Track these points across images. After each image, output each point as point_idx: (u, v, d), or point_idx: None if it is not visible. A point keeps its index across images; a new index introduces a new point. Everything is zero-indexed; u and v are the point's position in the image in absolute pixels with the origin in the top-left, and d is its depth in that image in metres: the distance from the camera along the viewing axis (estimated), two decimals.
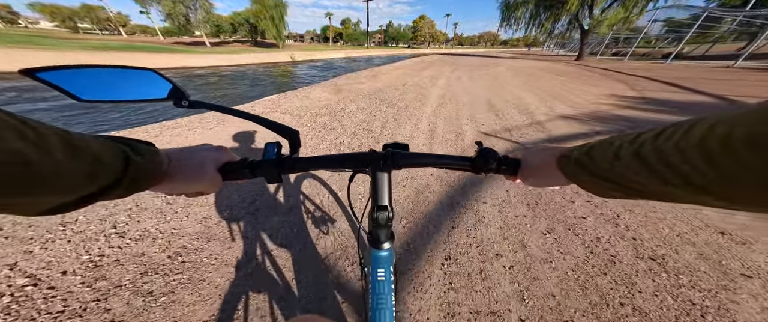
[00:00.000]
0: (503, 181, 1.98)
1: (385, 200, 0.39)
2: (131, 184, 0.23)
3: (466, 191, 1.86)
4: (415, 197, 1.78)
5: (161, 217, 1.47)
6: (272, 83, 10.41)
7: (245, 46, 35.47)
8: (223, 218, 1.50)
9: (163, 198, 1.61)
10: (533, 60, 18.79)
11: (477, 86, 6.35)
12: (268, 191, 1.76)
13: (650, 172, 0.20)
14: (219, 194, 1.70)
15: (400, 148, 0.42)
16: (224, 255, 1.24)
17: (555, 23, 19.69)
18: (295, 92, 4.92)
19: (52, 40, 18.85)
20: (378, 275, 0.41)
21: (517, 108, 4.30)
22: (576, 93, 5.71)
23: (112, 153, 0.21)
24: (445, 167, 0.42)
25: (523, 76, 8.74)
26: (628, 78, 8.22)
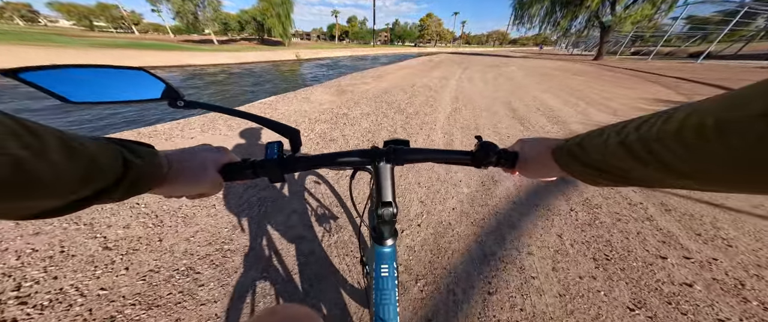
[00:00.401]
0: (552, 222, 1.51)
1: (389, 195, 0.39)
2: (130, 187, 0.23)
3: (501, 233, 1.40)
4: (435, 242, 1.34)
5: (90, 270, 1.07)
6: (272, 83, 10.08)
7: (252, 44, 35.49)
8: (175, 270, 1.08)
9: (99, 242, 1.20)
10: (546, 59, 17.90)
11: (492, 88, 5.81)
12: (240, 226, 1.34)
13: (635, 159, 0.21)
14: (177, 234, 1.30)
15: (402, 144, 0.41)
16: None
17: (572, 21, 18.66)
18: (295, 94, 4.52)
19: (66, 38, 19.14)
20: (382, 271, 0.41)
21: (543, 114, 3.77)
22: (608, 96, 5.12)
23: (109, 155, 0.21)
24: (446, 162, 0.42)
25: (540, 77, 8.13)
26: (662, 79, 7.52)
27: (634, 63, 13.32)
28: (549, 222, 1.51)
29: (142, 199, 1.48)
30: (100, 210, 1.36)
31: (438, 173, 2.02)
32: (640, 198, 1.76)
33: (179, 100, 0.35)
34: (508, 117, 3.60)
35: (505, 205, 1.66)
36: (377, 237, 0.42)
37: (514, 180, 1.93)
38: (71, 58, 11.39)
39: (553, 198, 1.74)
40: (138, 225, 1.30)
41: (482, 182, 1.91)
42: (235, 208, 1.49)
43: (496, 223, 1.50)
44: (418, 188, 1.80)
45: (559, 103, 4.50)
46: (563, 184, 1.90)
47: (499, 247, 1.33)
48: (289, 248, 1.25)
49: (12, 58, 9.81)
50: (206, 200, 1.53)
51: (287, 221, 1.41)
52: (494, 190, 1.82)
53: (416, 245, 1.33)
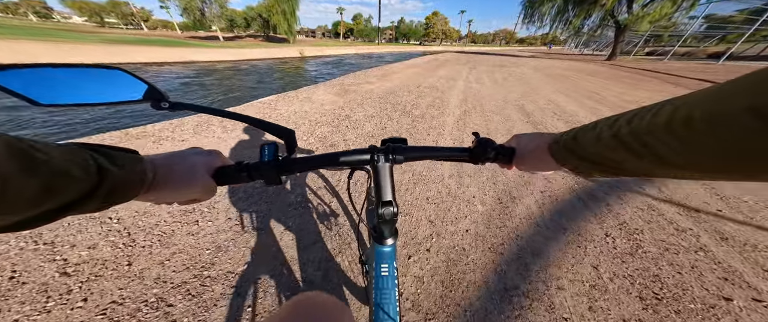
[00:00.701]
0: (585, 249, 1.30)
1: (389, 194, 0.38)
2: (106, 197, 0.21)
3: (524, 262, 1.20)
4: (447, 272, 1.14)
5: (41, 301, 0.90)
6: (275, 80, 9.95)
7: (257, 41, 35.52)
8: (143, 302, 0.91)
9: (58, 266, 1.04)
10: (556, 59, 17.37)
11: (503, 90, 5.54)
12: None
13: (628, 151, 0.21)
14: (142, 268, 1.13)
15: (399, 142, 0.41)
16: None
17: (585, 20, 18.03)
18: (297, 93, 4.35)
19: (76, 34, 19.38)
20: (381, 271, 0.41)
21: (560, 118, 3.53)
22: (629, 99, 4.83)
23: (79, 163, 0.19)
24: (444, 159, 0.43)
25: (552, 78, 7.80)
26: (682, 81, 7.14)
27: (649, 63, 12.80)
28: (581, 250, 1.30)
29: (116, 213, 1.32)
30: (65, 226, 1.20)
31: (449, 186, 1.82)
32: (689, 223, 1.53)
33: (163, 102, 0.33)
34: (522, 121, 3.36)
35: (526, 227, 1.45)
36: (377, 236, 0.42)
37: (535, 198, 1.72)
38: (85, 54, 11.44)
39: (583, 220, 1.53)
40: (106, 245, 1.14)
41: (498, 199, 1.70)
42: (223, 223, 1.32)
43: (518, 249, 1.30)
44: (426, 205, 1.60)
45: (576, 107, 4.23)
46: (593, 204, 1.67)
47: (522, 279, 1.13)
48: (280, 275, 1.08)
49: (21, 55, 9.88)
50: (189, 216, 1.36)
51: (280, 240, 1.23)
52: (513, 208, 1.61)
53: (426, 275, 1.14)
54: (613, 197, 1.77)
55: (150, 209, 1.37)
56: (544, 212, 1.58)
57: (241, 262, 1.12)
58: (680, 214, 1.61)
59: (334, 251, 1.21)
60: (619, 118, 0.23)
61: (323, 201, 1.56)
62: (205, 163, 0.32)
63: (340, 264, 1.15)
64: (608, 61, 15.00)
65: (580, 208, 1.63)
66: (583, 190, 1.84)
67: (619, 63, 13.66)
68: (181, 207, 1.41)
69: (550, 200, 1.71)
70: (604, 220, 1.53)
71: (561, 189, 1.84)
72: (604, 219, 1.54)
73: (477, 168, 2.05)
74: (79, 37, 15.99)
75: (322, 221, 1.39)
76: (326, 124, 2.86)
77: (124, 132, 2.41)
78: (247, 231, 1.29)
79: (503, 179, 1.94)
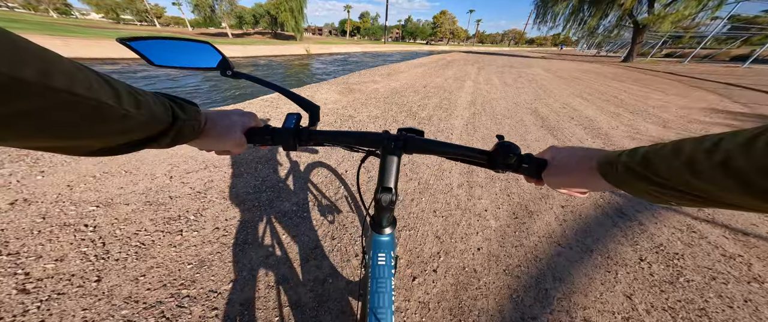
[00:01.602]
0: (616, 275, 1.13)
1: (390, 182, 0.39)
2: (176, 136, 0.27)
3: (544, 288, 1.03)
4: (456, 298, 0.99)
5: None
6: (276, 78, 9.89)
7: (264, 38, 35.75)
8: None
9: (17, 282, 0.93)
10: (569, 61, 16.80)
11: (514, 92, 5.31)
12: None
13: (744, 185, 0.17)
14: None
15: (415, 133, 0.41)
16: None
17: (601, 20, 17.36)
18: (300, 91, 4.24)
19: (94, 31, 19.88)
20: (378, 260, 0.42)
21: (578, 123, 3.31)
22: (653, 104, 4.55)
23: (163, 107, 0.25)
24: (458, 159, 0.41)
25: (566, 80, 7.49)
26: (706, 84, 6.75)
27: (669, 66, 12.24)
28: (611, 275, 1.13)
29: (93, 220, 1.22)
30: (35, 234, 1.10)
31: (458, 198, 1.66)
32: (737, 248, 1.34)
33: (228, 70, 0.41)
34: (536, 126, 3.16)
35: (546, 247, 1.29)
36: (375, 225, 0.44)
37: (555, 213, 1.55)
38: (101, 49, 11.68)
39: (612, 241, 1.35)
40: (76, 256, 1.03)
41: (513, 213, 1.53)
42: (210, 234, 1.21)
43: (537, 272, 1.14)
44: (433, 218, 1.45)
45: (595, 111, 3.98)
46: (623, 223, 1.49)
47: (542, 308, 0.98)
48: (268, 292, 0.95)
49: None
50: (173, 224, 1.24)
51: (272, 254, 1.10)
52: (530, 225, 1.44)
53: (431, 300, 1.00)
54: (646, 214, 1.58)
55: (130, 216, 1.26)
56: (567, 230, 1.41)
57: (226, 279, 1.00)
58: (726, 237, 1.41)
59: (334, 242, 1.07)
60: (720, 142, 0.18)
61: (324, 196, 1.43)
62: (242, 122, 0.37)
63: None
64: (624, 62, 14.41)
65: (609, 227, 1.45)
66: (611, 205, 1.65)
67: (637, 65, 13.08)
68: (165, 215, 1.29)
69: (572, 216, 1.53)
70: (637, 241, 1.35)
71: (584, 204, 1.66)
72: (638, 241, 1.36)
73: (489, 178, 1.88)
74: (98, 33, 16.37)
75: (324, 213, 1.35)
76: (328, 125, 2.74)
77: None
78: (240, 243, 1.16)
79: (518, 190, 1.77)
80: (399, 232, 1.31)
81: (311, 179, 1.69)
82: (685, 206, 0.22)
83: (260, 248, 1.15)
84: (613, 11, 16.37)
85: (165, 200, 1.40)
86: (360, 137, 0.40)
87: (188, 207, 1.36)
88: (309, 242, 1.20)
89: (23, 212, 1.23)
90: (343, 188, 1.64)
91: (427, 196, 1.64)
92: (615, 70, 11.02)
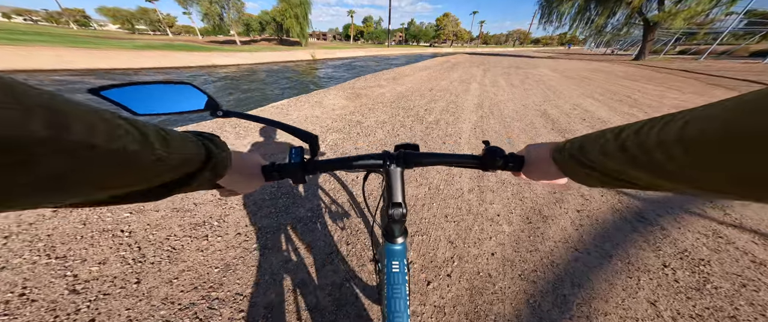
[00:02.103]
0: (638, 281, 1.12)
1: (399, 197, 0.42)
2: (212, 172, 0.26)
3: (562, 294, 1.04)
4: (471, 302, 1.02)
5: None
6: (288, 85, 10.12)
7: (271, 45, 36.65)
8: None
9: (67, 283, 1.00)
10: (577, 60, 16.51)
11: (521, 93, 5.27)
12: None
13: (635, 164, 0.21)
14: None
15: (411, 148, 0.45)
16: None
17: (609, 19, 17.01)
18: (308, 97, 4.34)
19: (112, 42, 20.87)
20: (392, 267, 0.45)
21: (590, 125, 3.27)
22: (670, 104, 4.45)
23: (195, 143, 0.24)
24: (455, 165, 0.44)
25: (576, 80, 7.37)
26: (724, 82, 6.51)
27: (684, 63, 11.85)
28: (633, 281, 1.13)
29: (128, 226, 1.30)
30: (78, 240, 1.19)
31: (469, 202, 1.68)
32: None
33: (219, 110, 0.40)
34: (546, 129, 3.13)
35: (563, 251, 1.29)
36: (388, 236, 0.46)
37: (571, 217, 1.55)
38: (123, 59, 12.21)
39: (633, 246, 1.34)
40: (116, 260, 1.11)
41: (527, 218, 1.54)
42: (232, 239, 1.27)
43: (554, 277, 1.14)
44: (445, 223, 1.47)
45: (608, 112, 3.92)
46: (644, 227, 1.47)
47: (561, 314, 0.99)
48: (289, 295, 1.00)
49: (62, 63, 10.71)
50: (199, 229, 1.32)
51: (290, 258, 1.15)
52: (545, 230, 1.44)
53: (447, 305, 1.02)
54: (669, 219, 1.55)
55: (161, 222, 1.34)
56: (583, 235, 1.41)
57: (250, 283, 1.06)
58: (755, 242, 1.37)
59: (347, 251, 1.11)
60: (625, 129, 0.22)
61: (337, 203, 1.48)
62: (259, 162, 0.39)
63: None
64: (636, 61, 14.03)
65: (628, 231, 1.44)
66: (629, 210, 1.63)
67: (649, 63, 12.73)
68: (191, 221, 1.37)
69: (589, 220, 1.52)
70: (659, 247, 1.33)
71: (601, 208, 1.65)
72: (660, 246, 1.34)
73: (500, 183, 1.90)
74: (115, 45, 17.17)
75: (335, 220, 1.39)
76: (337, 131, 2.80)
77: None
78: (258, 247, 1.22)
79: (531, 194, 1.77)
80: (411, 237, 1.34)
81: (322, 186, 1.75)
82: (608, 188, 0.26)
83: (279, 252, 1.20)
84: (621, 9, 16.01)
85: (190, 207, 1.48)
86: (362, 160, 0.43)
87: (212, 213, 1.44)
88: (324, 247, 1.25)
89: (66, 218, 1.32)
90: (352, 195, 1.68)
91: (438, 201, 1.67)
92: (626, 68, 10.76)
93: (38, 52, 10.45)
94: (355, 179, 1.85)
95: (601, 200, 1.72)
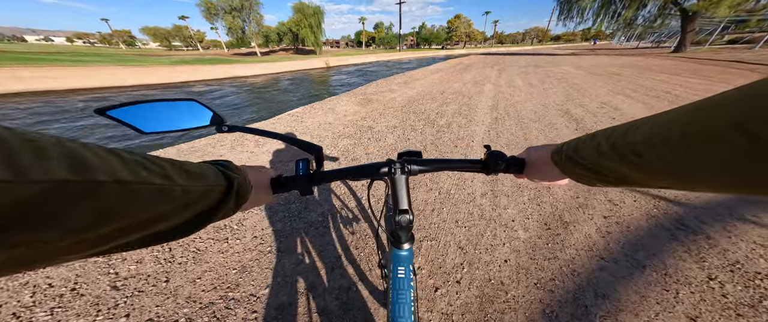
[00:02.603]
0: (677, 294, 1.01)
1: (405, 203, 0.42)
2: (237, 197, 0.27)
3: (583, 305, 0.95)
4: (481, 310, 0.97)
5: (92, 314, 0.98)
6: (302, 93, 10.57)
7: (288, 54, 38.61)
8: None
9: (110, 281, 1.13)
10: (605, 55, 15.37)
11: (541, 93, 5.02)
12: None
13: (625, 162, 0.22)
14: None
15: (414, 155, 0.46)
16: None
17: (638, 11, 15.69)
18: (322, 104, 4.50)
19: (154, 59, 23.36)
20: (398, 273, 0.45)
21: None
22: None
23: (212, 171, 0.25)
24: (458, 170, 0.45)
25: (603, 76, 6.87)
26: None
27: (735, 53, 10.56)
28: (670, 294, 1.02)
29: None
30: None
31: (482, 207, 1.62)
32: None
33: (223, 126, 0.42)
34: (569, 129, 2.95)
35: (586, 260, 1.20)
36: (395, 241, 0.46)
37: (596, 224, 1.44)
38: (162, 75, 13.63)
39: (670, 256, 1.21)
40: (151, 260, 1.22)
41: (545, 224, 1.45)
42: (249, 242, 1.35)
43: (575, 287, 1.07)
44: (455, 228, 1.44)
45: (642, 110, 3.60)
46: (685, 236, 1.32)
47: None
48: (299, 298, 1.03)
49: (115, 80, 12.18)
50: (221, 232, 1.41)
51: (301, 261, 1.19)
52: (566, 237, 1.35)
53: (455, 312, 0.99)
54: (716, 227, 1.38)
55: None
56: (611, 242, 1.30)
57: (263, 284, 1.11)
58: None
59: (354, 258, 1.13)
60: (615, 130, 0.23)
61: (347, 207, 1.51)
62: (269, 175, 0.40)
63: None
64: (675, 53, 12.73)
65: (666, 240, 1.30)
66: (668, 216, 1.48)
67: (692, 55, 11.47)
68: (214, 224, 1.47)
69: (618, 227, 1.40)
70: (704, 258, 1.19)
71: (633, 214, 1.51)
72: (705, 257, 1.20)
73: (517, 187, 1.81)
74: (156, 61, 19.18)
75: (344, 225, 1.41)
76: (349, 137, 2.86)
77: (177, 148, 2.70)
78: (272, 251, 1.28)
79: (550, 199, 1.67)
80: (419, 242, 1.32)
81: (332, 191, 1.79)
82: (605, 186, 0.27)
83: (291, 255, 1.25)
84: (651, 0, 14.72)
85: None
86: (366, 169, 0.44)
87: (232, 217, 1.53)
88: (334, 251, 1.28)
89: None
90: (360, 200, 1.70)
91: (449, 206, 1.63)
92: (663, 62, 9.82)
93: (97, 71, 11.96)
94: (363, 183, 1.87)
95: (633, 206, 1.57)
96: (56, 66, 11.84)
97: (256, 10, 39.84)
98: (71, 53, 22.49)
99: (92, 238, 0.14)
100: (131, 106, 0.33)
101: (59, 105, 7.52)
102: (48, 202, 0.11)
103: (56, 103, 7.83)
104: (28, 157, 0.11)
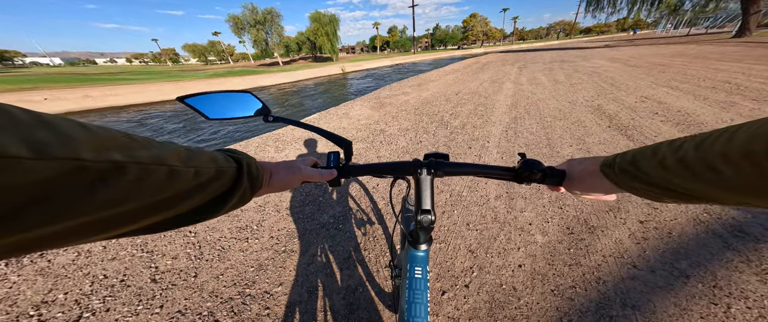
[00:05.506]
0: (728, 310, 0.87)
1: (428, 203, 0.42)
2: (250, 180, 0.28)
3: (607, 313, 0.86)
4: (490, 316, 0.92)
5: (134, 304, 1.12)
6: (320, 98, 10.99)
7: (306, 62, 40.66)
8: (198, 314, 1.04)
9: (151, 274, 1.28)
10: (645, 46, 13.79)
11: (567, 89, 4.64)
12: None
13: (696, 178, 0.21)
14: None
15: (442, 157, 0.45)
16: None
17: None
18: (337, 109, 4.66)
19: (193, 73, 26.18)
20: (415, 273, 0.45)
21: (666, 119, 2.68)
22: None
23: (222, 158, 0.26)
24: (486, 176, 0.44)
25: (644, 68, 6.18)
26: None
27: None
28: (719, 309, 0.88)
29: (194, 228, 1.59)
30: (161, 237, 1.50)
31: (495, 210, 1.55)
32: None
33: (269, 116, 0.46)
34: (600, 127, 2.68)
35: (614, 268, 1.08)
36: (413, 241, 0.46)
37: (630, 229, 1.30)
38: (199, 87, 15.33)
39: (722, 266, 1.04)
40: (184, 256, 1.36)
41: (568, 228, 1.34)
42: (266, 241, 1.44)
43: (599, 296, 0.97)
44: (466, 231, 1.39)
45: (693, 103, 3.13)
46: (742, 244, 1.13)
47: None
48: (308, 296, 1.08)
49: (161, 95, 13.95)
50: (243, 232, 1.53)
51: (312, 261, 1.25)
52: (593, 242, 1.24)
53: (461, 317, 0.96)
54: None
55: (216, 225, 1.60)
56: (647, 250, 1.16)
57: (276, 282, 1.18)
58: None
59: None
60: (684, 143, 0.22)
61: (362, 209, 1.54)
62: (303, 168, 0.41)
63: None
64: (737, 38, 11.02)
65: (718, 248, 1.13)
66: (722, 222, 1.28)
67: (757, 39, 9.85)
68: (238, 225, 1.60)
69: (656, 233, 1.25)
70: (766, 269, 1.02)
71: (677, 219, 1.33)
72: (765, 260, 1.02)
73: (535, 188, 1.70)
74: (194, 76, 21.49)
75: (355, 227, 1.44)
76: (361, 141, 2.92)
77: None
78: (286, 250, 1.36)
79: (574, 202, 1.54)
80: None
81: (346, 194, 1.84)
82: (666, 201, 0.25)
83: (303, 255, 1.31)
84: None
85: (237, 212, 1.73)
86: (394, 167, 0.45)
87: (253, 218, 1.65)
88: (343, 252, 1.31)
89: None
90: (372, 203, 1.72)
91: (460, 208, 1.58)
92: (722, 49, 8.55)
93: (147, 88, 13.76)
94: (374, 187, 1.90)
95: (677, 210, 1.39)
96: (117, 85, 13.84)
97: (277, 23, 42.73)
98: (129, 72, 26.05)
99: (110, 218, 0.14)
100: (202, 95, 0.40)
101: (123, 116, 8.73)
102: (66, 181, 0.11)
103: (121, 115, 9.11)
104: (47, 136, 0.11)
